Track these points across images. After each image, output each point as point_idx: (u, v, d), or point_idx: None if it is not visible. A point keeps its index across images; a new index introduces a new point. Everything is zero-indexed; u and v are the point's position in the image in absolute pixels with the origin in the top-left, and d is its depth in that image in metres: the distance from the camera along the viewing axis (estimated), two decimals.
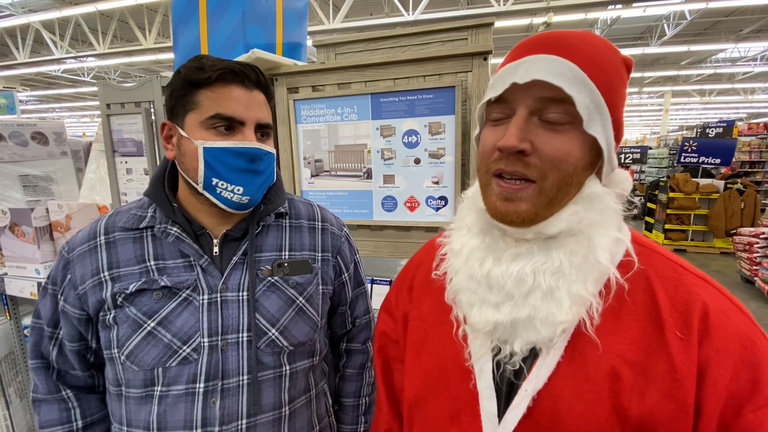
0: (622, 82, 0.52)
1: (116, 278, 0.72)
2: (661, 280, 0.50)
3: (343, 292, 0.92)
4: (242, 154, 0.70)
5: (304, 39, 1.75)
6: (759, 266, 4.98)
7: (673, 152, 10.64)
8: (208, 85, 0.69)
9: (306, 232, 0.86)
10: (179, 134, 0.72)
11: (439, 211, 1.32)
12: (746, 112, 22.50)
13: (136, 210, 0.76)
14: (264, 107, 0.75)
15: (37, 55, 9.89)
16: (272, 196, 0.82)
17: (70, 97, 16.93)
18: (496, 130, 0.53)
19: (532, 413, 0.50)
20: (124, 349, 0.70)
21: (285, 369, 0.78)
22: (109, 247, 0.74)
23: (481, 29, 1.30)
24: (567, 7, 6.65)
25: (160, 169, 0.79)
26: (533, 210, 0.50)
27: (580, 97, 0.47)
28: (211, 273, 0.74)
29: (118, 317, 0.71)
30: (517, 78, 0.48)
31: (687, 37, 11.00)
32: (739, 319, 0.47)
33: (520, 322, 0.51)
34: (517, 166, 0.50)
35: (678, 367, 0.45)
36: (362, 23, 7.52)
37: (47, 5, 8.38)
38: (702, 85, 15.73)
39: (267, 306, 0.77)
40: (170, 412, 0.70)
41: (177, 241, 0.74)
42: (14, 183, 1.72)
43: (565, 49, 0.49)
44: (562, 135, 0.49)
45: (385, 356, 0.77)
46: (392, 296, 0.78)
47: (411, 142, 1.30)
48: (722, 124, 7.89)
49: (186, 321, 0.71)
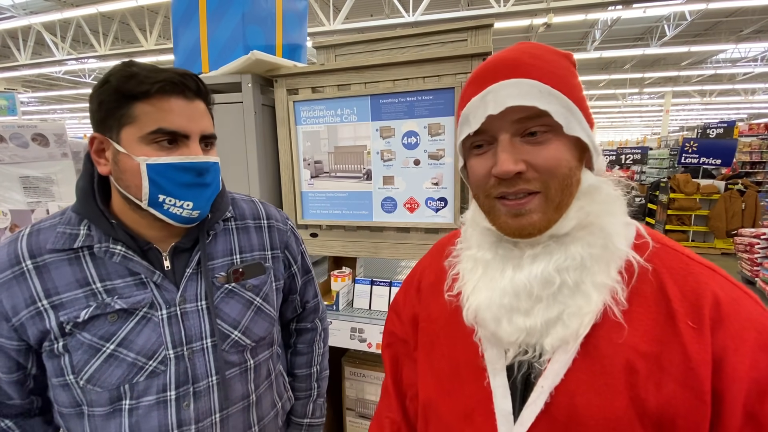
0: (575, 76, 0.55)
1: (58, 306, 0.66)
2: (670, 272, 0.51)
3: (293, 282, 0.96)
4: (189, 169, 0.67)
5: (304, 40, 1.75)
6: (760, 267, 4.97)
7: (673, 153, 10.61)
8: (146, 98, 0.64)
9: (253, 232, 0.87)
10: (114, 149, 0.66)
11: (438, 212, 1.32)
12: (747, 113, 22.48)
13: (64, 227, 0.69)
14: (206, 117, 0.72)
15: (38, 56, 9.92)
16: (218, 203, 0.80)
17: (71, 99, 16.97)
18: (483, 158, 0.54)
19: (549, 409, 0.50)
20: (83, 374, 0.67)
21: (249, 363, 0.82)
22: (40, 272, 0.67)
23: (480, 30, 1.30)
24: (567, 8, 6.66)
25: (85, 182, 0.71)
26: (545, 218, 0.52)
27: (553, 108, 0.49)
28: (166, 288, 0.72)
29: (70, 345, 0.66)
30: (491, 110, 0.50)
31: (687, 38, 11.00)
32: (750, 305, 0.48)
33: (551, 321, 0.51)
34: (519, 186, 0.51)
35: (692, 356, 0.46)
36: (363, 24, 7.53)
37: (48, 7, 8.40)
38: (702, 86, 15.71)
39: (227, 311, 0.78)
40: (143, 422, 0.70)
41: (124, 261, 0.69)
42: (15, 184, 1.72)
43: (519, 69, 0.51)
44: (549, 144, 0.51)
45: (395, 353, 0.78)
46: (400, 297, 0.79)
47: (410, 143, 1.30)
48: (723, 124, 7.88)
49: (148, 338, 0.70)
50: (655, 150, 12.27)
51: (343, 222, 1.45)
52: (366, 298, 1.53)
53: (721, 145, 7.02)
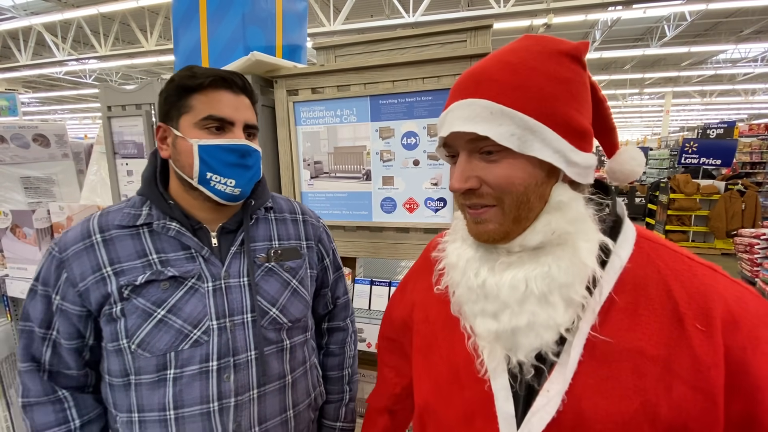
0: (567, 79, 0.51)
1: (120, 272, 0.76)
2: (674, 274, 0.51)
3: (325, 276, 1.03)
4: (233, 150, 0.78)
5: (304, 41, 1.76)
6: (760, 267, 4.97)
7: (673, 153, 10.62)
8: (201, 90, 0.76)
9: (290, 223, 0.96)
10: (174, 135, 0.78)
11: (437, 213, 1.33)
12: (747, 113, 22.46)
13: (129, 209, 0.81)
14: (250, 110, 0.83)
15: (39, 57, 9.93)
16: (260, 191, 0.91)
17: (71, 99, 16.99)
18: (453, 168, 0.58)
19: (556, 414, 0.50)
20: (134, 338, 0.75)
21: (285, 343, 0.88)
22: (107, 244, 0.77)
23: (479, 31, 1.30)
24: (567, 9, 6.66)
25: (149, 169, 0.84)
26: (501, 229, 0.54)
27: (499, 130, 0.50)
28: (213, 263, 0.81)
29: (126, 309, 0.75)
30: (443, 132, 0.55)
31: (687, 38, 11.00)
32: (755, 301, 0.49)
33: (520, 330, 0.51)
34: (473, 200, 0.55)
35: (702, 359, 0.46)
36: (363, 25, 7.54)
37: (49, 8, 8.41)
38: (703, 86, 15.71)
39: (267, 289, 0.85)
40: (186, 391, 0.76)
41: (178, 235, 0.79)
42: (16, 185, 1.73)
43: (480, 86, 0.52)
44: (502, 163, 0.52)
45: (389, 343, 0.83)
46: (397, 295, 0.82)
47: (410, 143, 1.31)
48: (723, 125, 7.88)
49: (194, 307, 0.78)
50: (655, 150, 12.27)
51: (343, 222, 1.45)
52: (365, 298, 1.53)
53: (721, 146, 7.02)
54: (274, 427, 0.85)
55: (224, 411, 0.78)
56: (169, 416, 0.76)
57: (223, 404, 0.78)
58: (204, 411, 0.77)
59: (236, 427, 0.79)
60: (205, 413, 0.77)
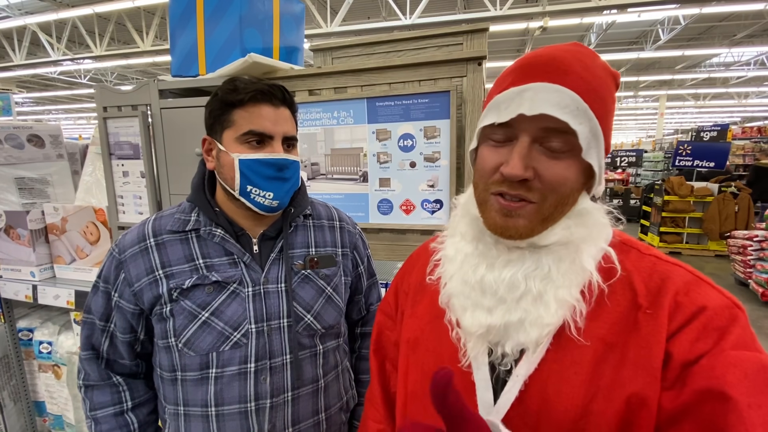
0: (614, 101, 0.54)
1: (170, 276, 0.81)
2: (638, 271, 0.54)
3: (359, 282, 1.05)
4: (271, 165, 0.81)
5: (301, 43, 1.76)
6: (752, 269, 5.02)
7: (668, 155, 10.70)
8: (242, 105, 0.80)
9: (327, 230, 0.98)
10: (218, 148, 0.83)
11: (434, 214, 1.33)
12: (740, 116, 22.69)
13: (180, 214, 0.86)
14: (289, 121, 0.85)
15: (34, 57, 9.87)
16: (299, 199, 0.93)
17: (66, 99, 16.88)
18: (497, 152, 0.53)
19: (524, 398, 0.52)
20: (181, 338, 0.80)
21: (319, 348, 0.91)
22: (160, 248, 0.83)
23: (475, 35, 1.31)
24: (563, 12, 6.71)
25: (198, 178, 0.89)
26: (530, 226, 0.53)
27: (582, 129, 0.49)
28: (253, 268, 0.85)
29: (175, 310, 0.80)
30: (524, 109, 0.49)
31: (681, 42, 11.11)
32: (707, 291, 0.50)
33: (512, 325, 0.53)
34: (519, 191, 0.51)
35: (646, 337, 0.49)
36: (360, 26, 7.55)
37: (44, 7, 8.35)
38: (696, 90, 15.86)
39: (302, 295, 0.89)
40: (226, 390, 0.81)
41: (222, 241, 0.84)
42: (10, 185, 1.72)
43: (567, 76, 0.50)
44: (563, 162, 0.51)
45: (382, 357, 0.79)
46: (390, 298, 0.80)
47: (406, 145, 1.31)
48: (716, 127, 7.96)
49: (235, 311, 0.82)
50: (649, 152, 12.37)
51: None
52: None
53: (715, 148, 7.08)
54: (307, 428, 0.89)
55: (260, 411, 0.82)
56: (211, 412, 0.81)
57: (260, 405, 0.82)
58: (242, 410, 0.81)
59: (271, 427, 0.83)
60: (243, 412, 0.81)
